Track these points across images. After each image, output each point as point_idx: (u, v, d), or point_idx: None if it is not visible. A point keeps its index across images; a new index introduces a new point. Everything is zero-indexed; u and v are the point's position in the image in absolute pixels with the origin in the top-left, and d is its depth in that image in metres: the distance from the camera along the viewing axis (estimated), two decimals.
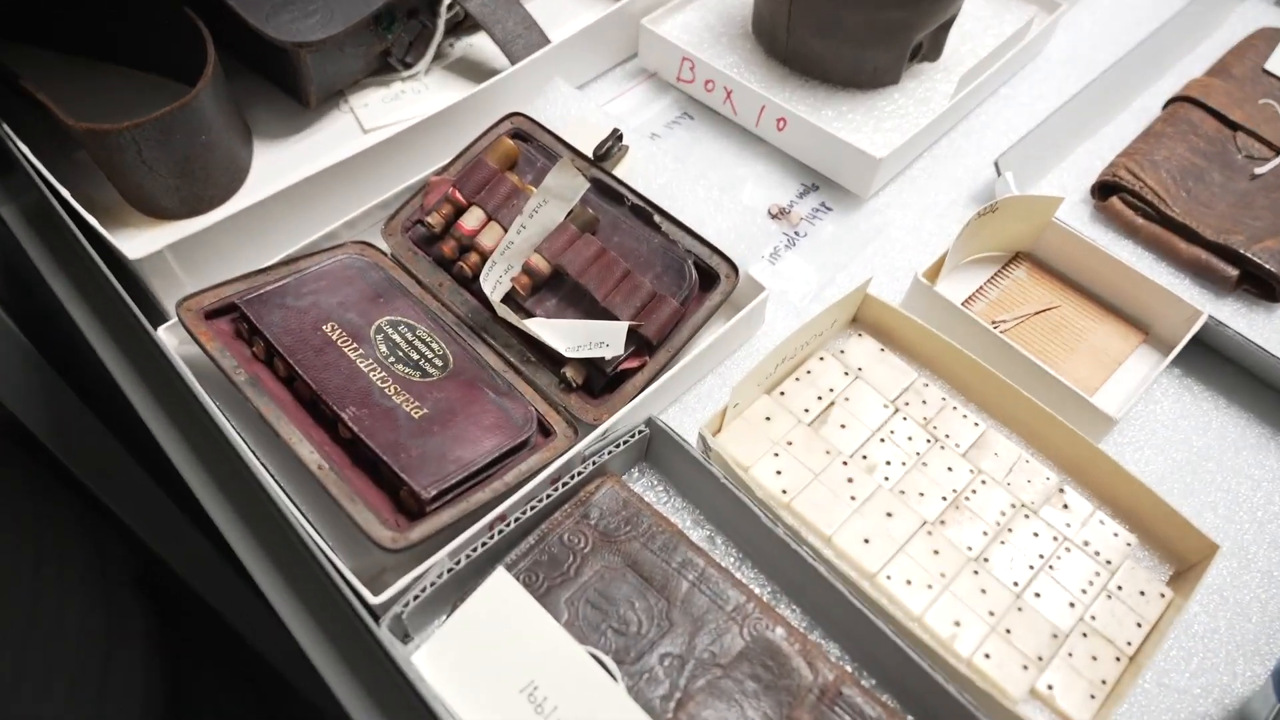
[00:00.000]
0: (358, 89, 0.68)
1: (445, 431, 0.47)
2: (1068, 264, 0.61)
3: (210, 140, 0.58)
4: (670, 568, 0.45)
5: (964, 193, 0.67)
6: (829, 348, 0.56)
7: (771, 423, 0.52)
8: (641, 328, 0.51)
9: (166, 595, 0.75)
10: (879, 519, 0.49)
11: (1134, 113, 0.73)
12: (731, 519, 0.48)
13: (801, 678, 0.42)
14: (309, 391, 0.48)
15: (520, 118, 0.60)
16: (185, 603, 0.81)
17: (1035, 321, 0.59)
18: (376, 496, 0.46)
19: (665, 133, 0.70)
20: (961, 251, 0.60)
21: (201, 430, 0.50)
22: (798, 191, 0.67)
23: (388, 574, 0.47)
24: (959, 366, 0.54)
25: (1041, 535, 0.49)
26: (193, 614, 0.83)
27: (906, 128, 0.67)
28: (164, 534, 0.79)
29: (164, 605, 0.73)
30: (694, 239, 0.55)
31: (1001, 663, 0.45)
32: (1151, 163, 0.64)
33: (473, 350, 0.52)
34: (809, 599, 0.46)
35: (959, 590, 0.47)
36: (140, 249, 0.53)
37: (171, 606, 0.75)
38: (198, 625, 0.83)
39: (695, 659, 0.42)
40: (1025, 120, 0.71)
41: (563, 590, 0.44)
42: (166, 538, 0.79)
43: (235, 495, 0.48)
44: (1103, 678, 0.45)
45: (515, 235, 0.53)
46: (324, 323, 0.51)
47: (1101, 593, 0.48)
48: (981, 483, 0.51)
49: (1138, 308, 0.59)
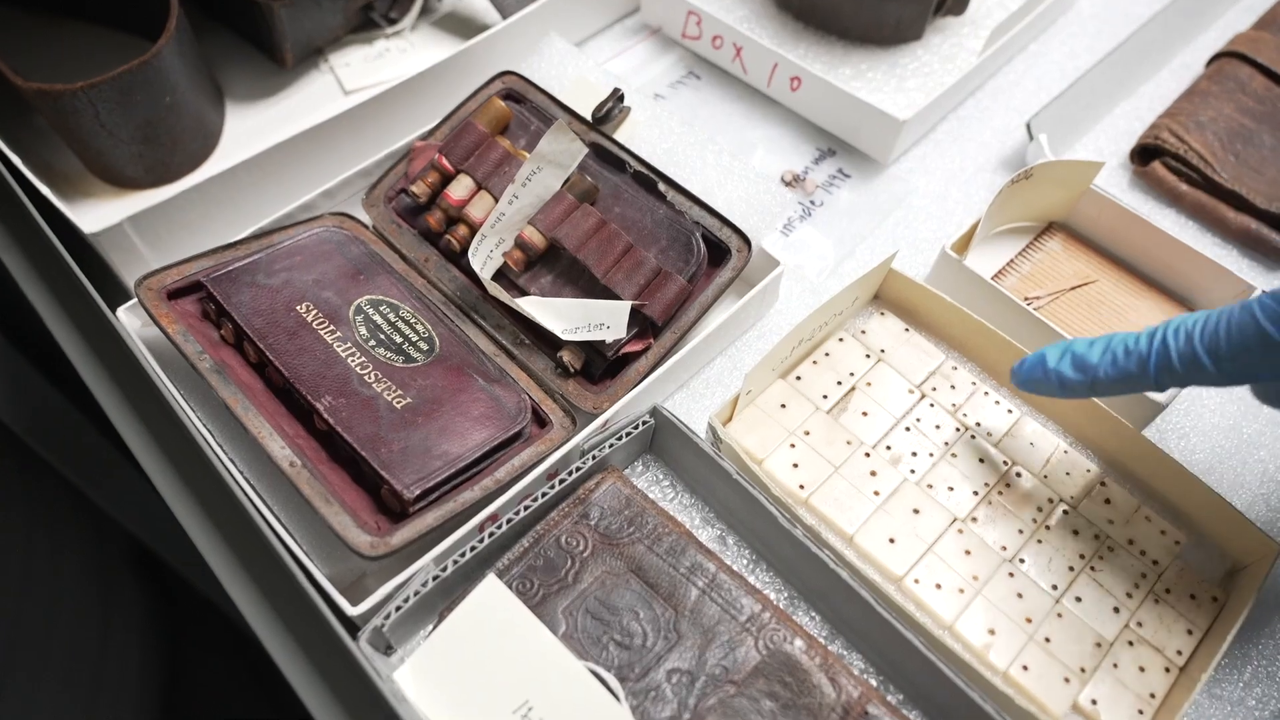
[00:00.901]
0: (338, 47, 0.63)
1: (430, 423, 0.43)
2: (1105, 235, 0.57)
3: (175, 102, 0.53)
4: (678, 573, 0.41)
5: (992, 158, 0.63)
6: (849, 328, 0.51)
7: (787, 410, 0.48)
8: (645, 307, 0.47)
9: (164, 574, 0.73)
10: (905, 516, 0.45)
11: (1175, 70, 0.68)
12: (744, 517, 0.44)
13: (823, 695, 0.38)
14: (281, 379, 0.44)
15: (512, 77, 0.55)
16: (182, 583, 0.79)
17: (1071, 297, 0.55)
18: (355, 495, 0.42)
19: (669, 93, 0.65)
20: (992, 221, 0.55)
21: (165, 422, 0.46)
22: (813, 157, 0.62)
23: (369, 580, 0.43)
24: (991, 347, 0.50)
25: (1082, 533, 0.45)
26: (190, 594, 0.80)
27: (931, 87, 0.62)
28: (143, 520, 0.76)
29: (162, 584, 0.71)
30: (702, 209, 0.50)
31: (1041, 675, 0.41)
32: (1196, 124, 0.59)
33: (461, 332, 0.48)
34: (829, 606, 0.42)
35: (993, 594, 0.43)
36: (99, 222, 0.48)
37: (170, 585, 0.73)
38: (195, 605, 0.81)
39: (706, 675, 0.39)
40: (1058, 79, 0.66)
41: (560, 599, 0.40)
42: (146, 524, 0.76)
43: (202, 494, 0.44)
44: (1151, 690, 0.41)
45: (507, 206, 0.49)
46: (298, 303, 0.46)
47: (1148, 596, 0.44)
48: (1016, 475, 0.47)
49: (1181, 282, 0.55)
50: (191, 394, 0.46)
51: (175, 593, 0.74)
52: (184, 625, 0.74)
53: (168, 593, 0.72)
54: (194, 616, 0.78)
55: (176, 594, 0.75)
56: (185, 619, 0.75)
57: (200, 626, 0.79)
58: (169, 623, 0.70)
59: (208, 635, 0.81)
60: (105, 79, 0.49)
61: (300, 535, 0.42)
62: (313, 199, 0.52)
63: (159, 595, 0.70)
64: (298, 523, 0.43)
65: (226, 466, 0.42)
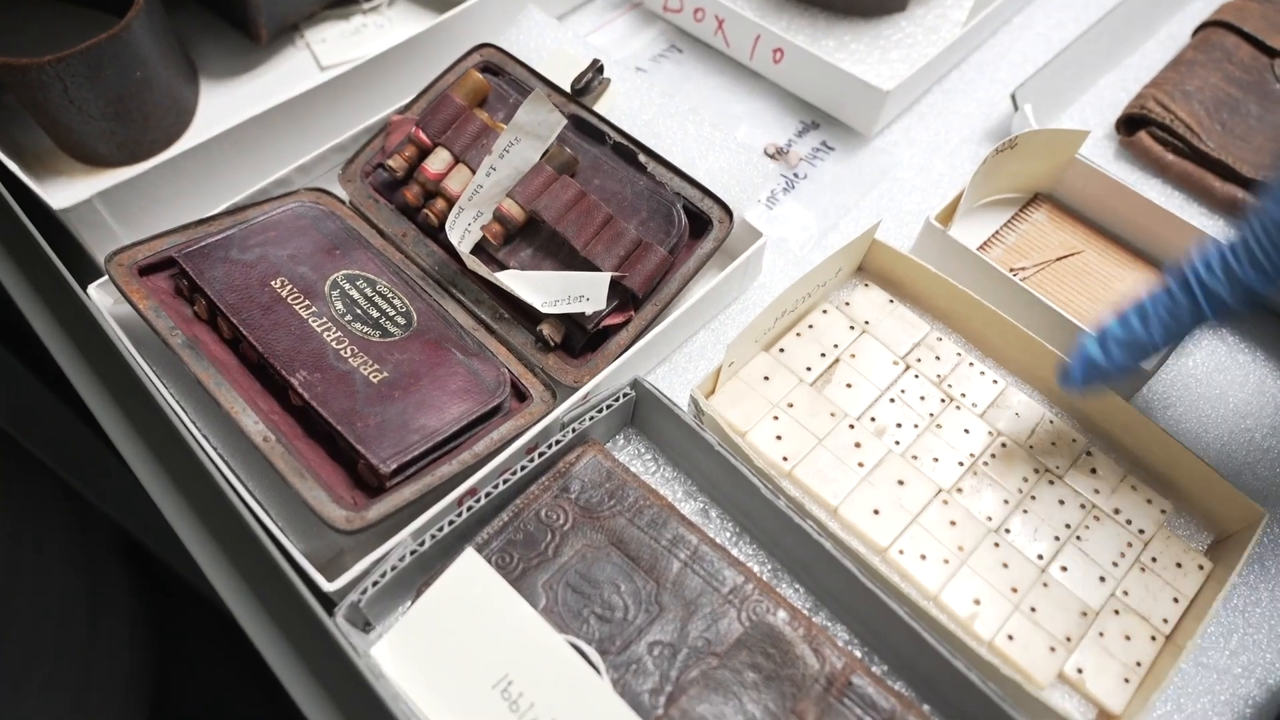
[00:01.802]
0: (314, 22, 0.62)
1: (407, 397, 0.42)
2: (1091, 205, 0.56)
3: (146, 77, 0.52)
4: (659, 546, 0.40)
5: (976, 129, 0.62)
6: (832, 299, 0.51)
7: (770, 383, 0.47)
8: (626, 279, 0.46)
9: (152, 564, 0.72)
10: (889, 488, 0.44)
11: (1161, 41, 0.67)
12: (727, 490, 0.44)
13: (807, 666, 0.38)
14: (255, 354, 0.43)
15: (490, 49, 0.54)
16: (170, 573, 0.78)
17: (1057, 268, 0.54)
18: (331, 471, 0.41)
19: (651, 67, 0.64)
20: (977, 192, 0.54)
21: (138, 399, 0.45)
22: (796, 130, 0.61)
23: (346, 555, 0.42)
24: (976, 318, 0.49)
25: (1068, 503, 0.45)
26: (179, 584, 0.80)
27: (915, 58, 0.61)
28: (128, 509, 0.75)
29: (150, 574, 0.70)
30: (683, 180, 0.49)
31: (1026, 645, 0.41)
32: (1183, 93, 0.59)
33: (439, 307, 0.47)
34: (813, 577, 0.42)
35: (978, 565, 0.43)
36: (69, 198, 0.48)
37: (158, 576, 0.72)
38: (184, 595, 0.80)
39: (688, 647, 0.38)
40: (1042, 50, 0.66)
41: (540, 572, 0.40)
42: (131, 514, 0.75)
43: (176, 471, 0.43)
44: (1137, 659, 0.41)
45: (484, 178, 0.48)
46: (273, 278, 0.46)
47: (1134, 565, 0.43)
48: (1001, 446, 0.46)
49: (1168, 252, 0.54)
50: (164, 371, 0.45)
51: (164, 583, 0.74)
52: (173, 616, 0.73)
53: (156, 583, 0.72)
54: (183, 606, 0.77)
55: (165, 584, 0.74)
56: (174, 609, 0.75)
57: (189, 616, 0.78)
58: (158, 613, 0.70)
59: (197, 625, 0.80)
60: (73, 53, 0.48)
61: (276, 511, 0.42)
62: (288, 174, 0.51)
63: (147, 586, 0.70)
64: (273, 499, 0.42)
65: (200, 443, 0.41)
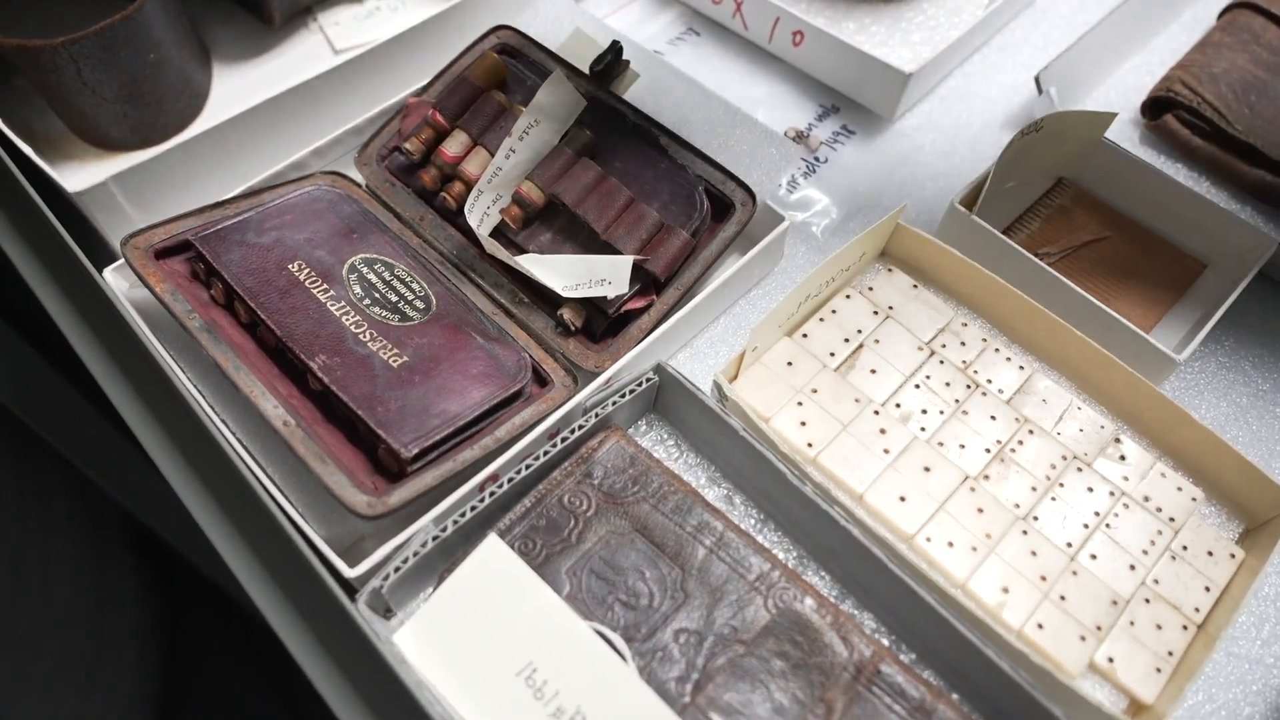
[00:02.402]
0: (327, 6, 0.62)
1: (428, 382, 0.42)
2: (1117, 190, 0.55)
3: (160, 59, 0.51)
4: (684, 532, 0.40)
5: (999, 113, 0.61)
6: (856, 284, 0.50)
7: (794, 369, 0.47)
8: (648, 263, 0.45)
9: (162, 554, 0.72)
10: (916, 474, 0.44)
11: (1186, 23, 0.66)
12: (752, 476, 0.43)
13: (835, 654, 0.37)
14: (273, 338, 0.43)
15: (508, 31, 0.54)
16: (179, 560, 0.78)
17: (1082, 254, 0.53)
18: (352, 456, 0.41)
19: (669, 50, 0.63)
20: (1002, 175, 0.54)
21: (155, 384, 0.45)
22: (816, 114, 0.60)
23: (367, 542, 0.42)
24: (1002, 303, 0.49)
25: (1097, 490, 0.44)
26: (189, 573, 0.79)
27: (937, 41, 0.60)
28: (140, 497, 0.74)
29: (160, 564, 0.70)
30: (705, 163, 0.49)
31: (1056, 633, 0.40)
32: (1210, 76, 0.58)
33: (458, 291, 0.47)
34: (840, 565, 0.41)
35: (1006, 553, 0.42)
36: (83, 181, 0.47)
37: (168, 566, 0.72)
38: (194, 585, 0.80)
39: (715, 634, 0.37)
40: (1065, 33, 0.65)
41: (563, 559, 0.39)
42: (143, 501, 0.75)
43: (194, 456, 0.43)
44: (1169, 648, 0.40)
45: (503, 161, 0.47)
46: (290, 261, 0.45)
47: (1165, 553, 0.43)
48: (1029, 432, 0.46)
49: (1197, 237, 0.53)
50: (181, 354, 0.45)
51: (173, 573, 0.74)
52: (183, 607, 0.73)
53: (166, 575, 0.71)
54: (193, 598, 0.77)
55: (175, 576, 0.74)
56: (184, 601, 0.74)
57: (199, 607, 0.78)
58: (167, 605, 0.69)
59: (207, 617, 0.80)
60: (86, 34, 0.47)
61: (296, 497, 0.41)
62: (303, 157, 0.50)
63: (157, 578, 0.69)
64: (293, 484, 0.42)
65: (219, 427, 0.40)
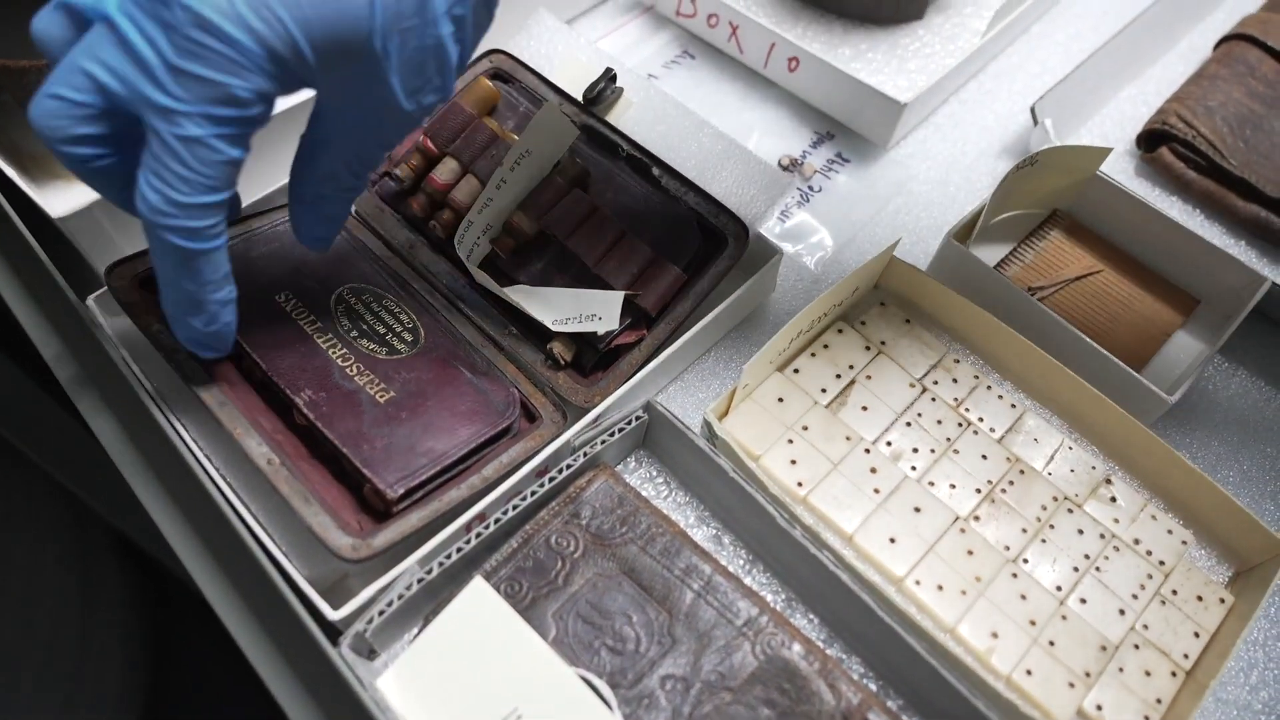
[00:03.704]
0: None
1: (415, 419, 0.41)
2: (1111, 223, 0.55)
3: None
4: (672, 575, 0.40)
5: (994, 142, 0.61)
6: (848, 318, 0.50)
7: (784, 405, 0.46)
8: (639, 297, 0.45)
9: (147, 562, 0.71)
10: (906, 515, 0.43)
11: (1182, 53, 0.66)
12: (741, 516, 0.43)
13: (823, 702, 0.37)
14: (260, 372, 0.42)
15: (500, 55, 0.53)
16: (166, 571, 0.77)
17: (1076, 288, 0.53)
18: (337, 494, 0.40)
19: (663, 74, 0.63)
20: (996, 209, 0.53)
21: (138, 417, 0.44)
22: (811, 140, 0.60)
23: (352, 580, 0.41)
24: (994, 339, 0.48)
25: (1087, 532, 0.44)
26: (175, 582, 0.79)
27: (932, 69, 0.60)
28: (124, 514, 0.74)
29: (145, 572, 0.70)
30: (698, 195, 0.48)
31: (1045, 680, 0.40)
32: (1205, 109, 0.58)
33: (447, 322, 0.46)
34: (828, 608, 0.41)
35: (996, 596, 0.42)
36: (67, 206, 0.46)
37: (153, 573, 0.71)
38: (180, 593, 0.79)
39: (701, 681, 0.37)
40: (1062, 62, 0.65)
41: (550, 602, 0.39)
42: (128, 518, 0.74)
43: (177, 493, 0.42)
44: (1157, 696, 0.40)
45: (495, 191, 0.47)
46: (277, 292, 0.45)
47: (1155, 598, 0.42)
48: (1020, 472, 0.45)
49: (1190, 273, 0.53)
50: (166, 386, 0.44)
51: (159, 580, 0.73)
52: (168, 615, 0.72)
53: (151, 582, 0.71)
54: (179, 606, 0.77)
55: (161, 583, 0.73)
56: (169, 608, 0.74)
57: (185, 616, 0.78)
58: (153, 611, 0.69)
59: (193, 625, 0.79)
60: None
61: (280, 535, 0.41)
62: None
63: (142, 584, 0.69)
64: (277, 523, 0.41)
65: (203, 464, 0.40)
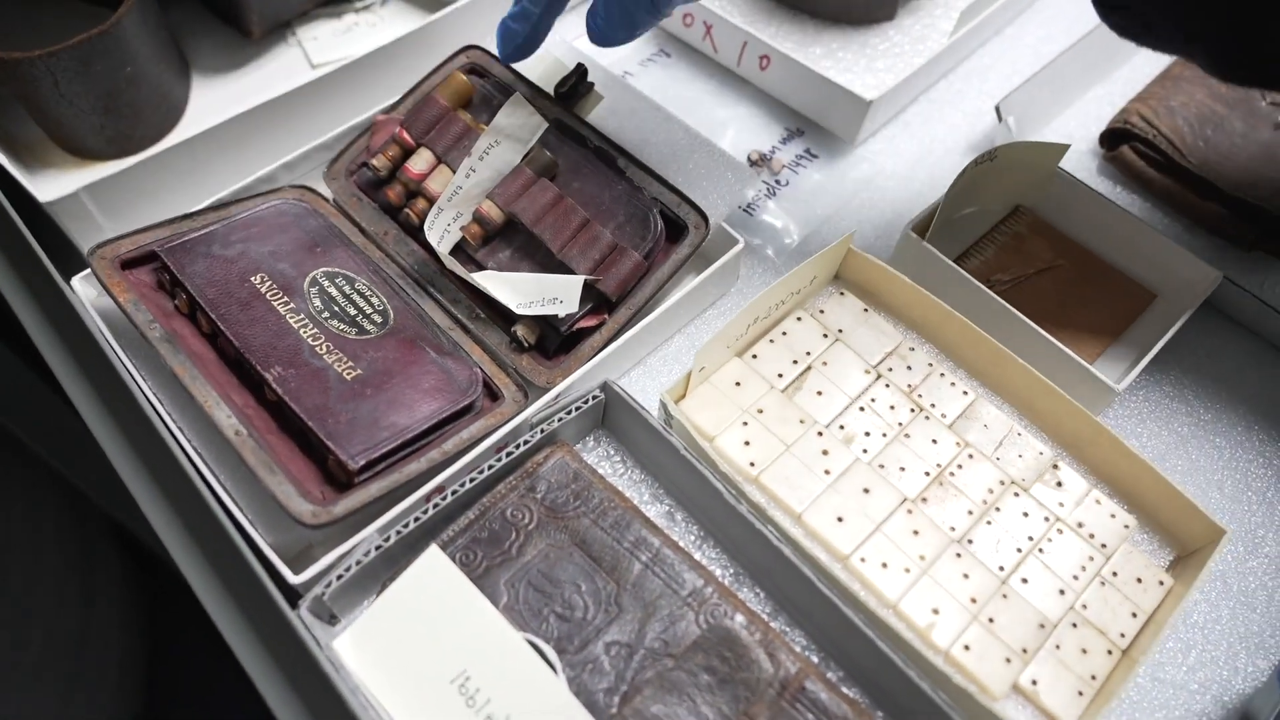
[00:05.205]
0: (306, 20, 0.63)
1: (379, 395, 0.43)
2: (1072, 219, 0.56)
3: (136, 73, 0.53)
4: (621, 547, 0.41)
5: (961, 140, 0.62)
6: (808, 307, 0.51)
7: (741, 389, 0.48)
8: (600, 282, 0.47)
9: (145, 553, 0.73)
10: (855, 495, 0.45)
11: (1149, 55, 0.67)
12: (692, 494, 0.44)
13: (761, 670, 0.38)
14: (233, 349, 0.44)
15: (477, 51, 0.55)
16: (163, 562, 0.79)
17: (1035, 281, 0.55)
18: (303, 466, 0.42)
19: (639, 71, 0.64)
20: (955, 204, 0.55)
21: (116, 392, 0.46)
22: (781, 137, 0.61)
23: (316, 549, 0.43)
24: (949, 329, 0.50)
25: (1032, 515, 0.45)
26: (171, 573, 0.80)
27: (901, 68, 0.61)
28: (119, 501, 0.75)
29: (144, 563, 0.71)
30: (661, 185, 0.50)
31: (982, 655, 0.41)
32: (1167, 109, 0.59)
33: (416, 305, 0.48)
34: (774, 583, 0.42)
35: (939, 574, 0.43)
36: (55, 190, 0.48)
37: (152, 564, 0.73)
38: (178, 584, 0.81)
39: (645, 648, 0.39)
40: (1031, 62, 0.66)
41: (503, 570, 0.40)
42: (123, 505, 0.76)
43: (150, 462, 0.44)
44: (1092, 673, 0.41)
45: (464, 179, 0.48)
46: (252, 274, 0.46)
47: (1095, 579, 0.44)
48: (969, 457, 0.47)
49: (1147, 268, 0.55)
50: (144, 363, 0.46)
51: (157, 570, 0.74)
52: (167, 604, 0.74)
53: (150, 570, 0.72)
54: (177, 595, 0.78)
55: (158, 572, 0.75)
56: (168, 597, 0.75)
57: (183, 605, 0.79)
58: (152, 601, 0.70)
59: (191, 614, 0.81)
60: (64, 48, 0.49)
61: (248, 504, 0.42)
62: (272, 171, 0.52)
63: (141, 574, 0.70)
64: (245, 492, 0.43)
65: (174, 434, 0.42)
